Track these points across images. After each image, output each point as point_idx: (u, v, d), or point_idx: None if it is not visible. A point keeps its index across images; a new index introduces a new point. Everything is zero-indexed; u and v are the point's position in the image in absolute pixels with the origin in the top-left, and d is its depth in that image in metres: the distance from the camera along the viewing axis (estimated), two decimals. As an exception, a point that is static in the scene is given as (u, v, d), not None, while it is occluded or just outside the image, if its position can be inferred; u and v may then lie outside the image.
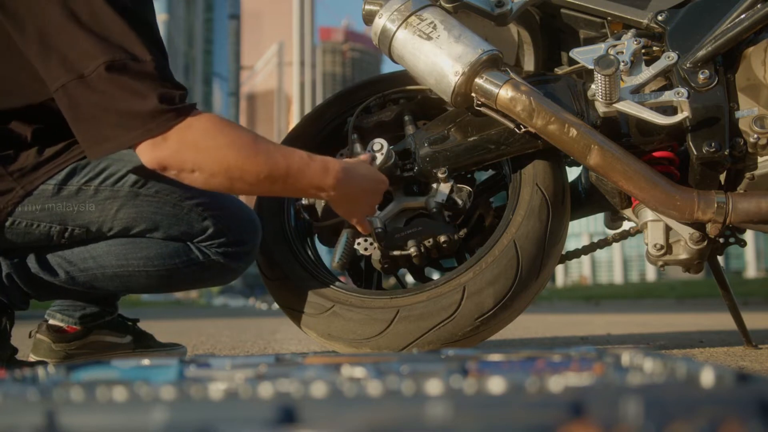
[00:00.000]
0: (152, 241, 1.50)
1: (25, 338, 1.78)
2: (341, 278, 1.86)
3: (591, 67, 1.51)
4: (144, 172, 1.42)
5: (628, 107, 1.50)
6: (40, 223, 1.45)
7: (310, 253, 1.84)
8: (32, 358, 1.77)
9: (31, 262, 1.48)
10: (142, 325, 1.91)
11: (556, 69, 1.81)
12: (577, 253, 2.00)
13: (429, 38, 1.58)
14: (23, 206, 1.43)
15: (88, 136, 1.28)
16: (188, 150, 1.27)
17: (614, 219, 2.00)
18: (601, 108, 1.54)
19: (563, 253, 1.83)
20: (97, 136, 1.27)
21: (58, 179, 1.43)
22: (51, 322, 1.78)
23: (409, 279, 2.02)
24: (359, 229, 1.57)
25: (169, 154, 1.27)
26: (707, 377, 0.48)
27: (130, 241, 1.50)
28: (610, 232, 2.02)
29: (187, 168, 1.29)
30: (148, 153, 1.27)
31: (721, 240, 1.80)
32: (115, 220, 1.47)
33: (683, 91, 1.48)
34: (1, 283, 1.46)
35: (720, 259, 1.95)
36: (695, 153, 1.51)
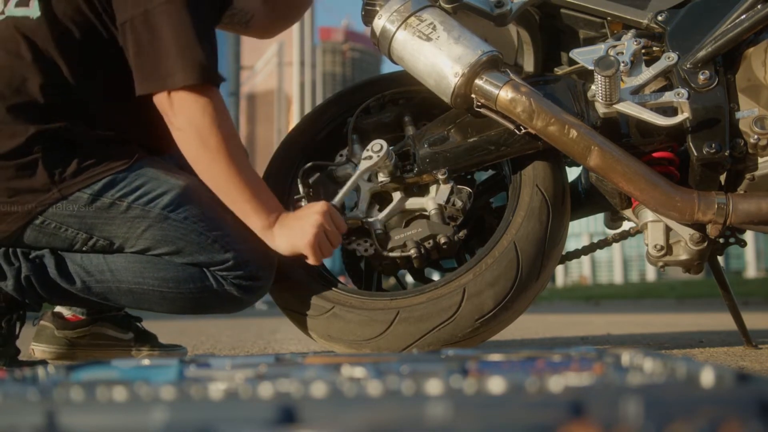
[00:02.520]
0: (171, 263, 1.52)
1: (25, 339, 1.78)
2: (341, 279, 1.86)
3: (591, 67, 1.51)
4: (177, 196, 1.50)
5: (628, 108, 1.50)
6: (68, 228, 1.48)
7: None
8: (34, 344, 1.78)
9: (51, 267, 1.50)
10: (145, 323, 1.92)
11: (556, 69, 1.81)
12: (577, 253, 2.00)
13: (428, 39, 1.58)
14: (56, 208, 1.46)
15: (140, 73, 1.42)
16: (187, 119, 1.42)
17: (614, 219, 2.00)
18: (601, 109, 1.54)
19: (563, 253, 1.83)
20: (146, 74, 1.42)
21: (95, 189, 1.47)
22: (57, 309, 1.79)
23: (409, 280, 2.02)
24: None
25: (172, 107, 1.42)
26: (707, 377, 0.48)
27: (149, 260, 1.53)
28: (610, 232, 2.02)
29: (176, 124, 1.44)
30: (162, 96, 1.42)
31: (721, 240, 1.80)
32: (140, 238, 1.50)
33: (683, 91, 1.48)
34: (19, 284, 1.48)
35: (720, 259, 1.95)
36: (695, 154, 1.50)
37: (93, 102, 1.50)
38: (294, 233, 1.51)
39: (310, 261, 1.55)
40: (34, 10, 1.45)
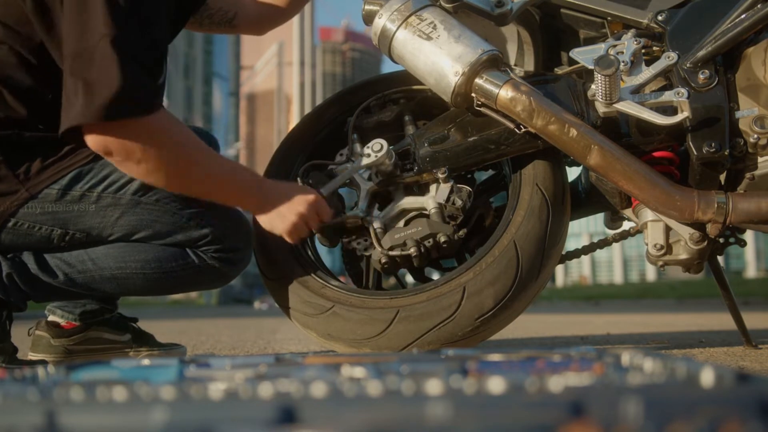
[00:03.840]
0: (150, 245, 1.53)
1: (24, 338, 1.79)
2: (341, 278, 1.86)
3: (591, 67, 1.51)
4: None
5: (628, 107, 1.50)
6: (41, 225, 1.47)
7: (309, 253, 1.84)
8: (31, 355, 1.78)
9: (31, 263, 1.49)
10: (143, 325, 1.92)
11: (556, 69, 1.81)
12: (577, 253, 2.00)
13: (429, 38, 1.58)
14: (26, 208, 1.45)
15: (64, 109, 1.32)
16: (138, 141, 1.33)
17: (614, 219, 2.00)
18: (601, 108, 1.54)
19: (563, 253, 1.83)
20: (68, 110, 1.31)
21: (62, 184, 1.46)
22: (50, 318, 1.79)
23: (409, 279, 2.02)
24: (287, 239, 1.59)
25: (118, 141, 1.31)
26: (707, 377, 0.48)
27: (128, 245, 1.53)
28: (610, 232, 2.02)
29: (134, 159, 1.34)
30: (95, 137, 1.31)
31: (721, 240, 1.80)
32: (115, 226, 1.50)
33: (683, 91, 1.48)
34: (2, 282, 1.47)
35: (720, 259, 1.95)
36: (695, 153, 1.50)
37: (42, 113, 1.45)
38: (275, 216, 1.53)
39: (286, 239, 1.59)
40: None
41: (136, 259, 1.52)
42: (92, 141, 1.32)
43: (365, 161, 1.67)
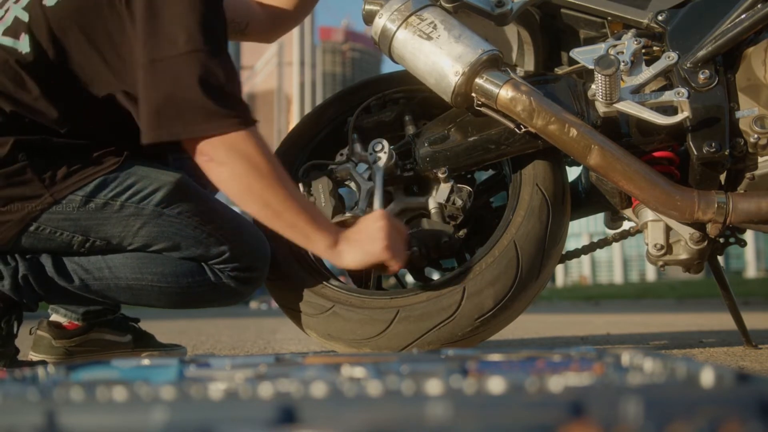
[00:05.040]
0: (168, 258, 1.53)
1: (25, 339, 1.79)
2: (341, 278, 1.86)
3: (591, 67, 1.51)
4: (169, 192, 1.49)
5: (629, 107, 1.50)
6: (63, 231, 1.47)
7: (310, 253, 1.84)
8: (32, 354, 1.78)
9: (48, 266, 1.50)
10: (143, 324, 1.92)
11: (556, 69, 1.81)
12: (577, 253, 2.00)
13: (429, 38, 1.58)
14: (49, 213, 1.45)
15: (149, 120, 1.34)
16: (229, 149, 1.35)
17: (614, 219, 2.00)
18: (601, 108, 1.54)
19: (563, 253, 1.83)
20: (156, 122, 1.34)
21: (87, 191, 1.46)
22: (53, 317, 1.79)
23: (409, 279, 2.02)
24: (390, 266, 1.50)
25: (210, 145, 1.34)
26: (707, 377, 0.48)
27: (146, 256, 1.53)
28: (610, 232, 2.02)
29: (217, 160, 1.36)
30: (202, 145, 1.35)
31: (721, 240, 1.80)
32: (136, 236, 1.50)
33: (683, 91, 1.48)
34: (16, 283, 1.48)
35: (720, 259, 1.95)
36: (695, 153, 1.50)
37: (74, 122, 1.46)
38: (364, 243, 1.45)
39: (392, 266, 1.48)
40: (23, 45, 1.40)
41: (153, 272, 1.52)
42: (197, 147, 1.35)
43: (383, 163, 1.67)
